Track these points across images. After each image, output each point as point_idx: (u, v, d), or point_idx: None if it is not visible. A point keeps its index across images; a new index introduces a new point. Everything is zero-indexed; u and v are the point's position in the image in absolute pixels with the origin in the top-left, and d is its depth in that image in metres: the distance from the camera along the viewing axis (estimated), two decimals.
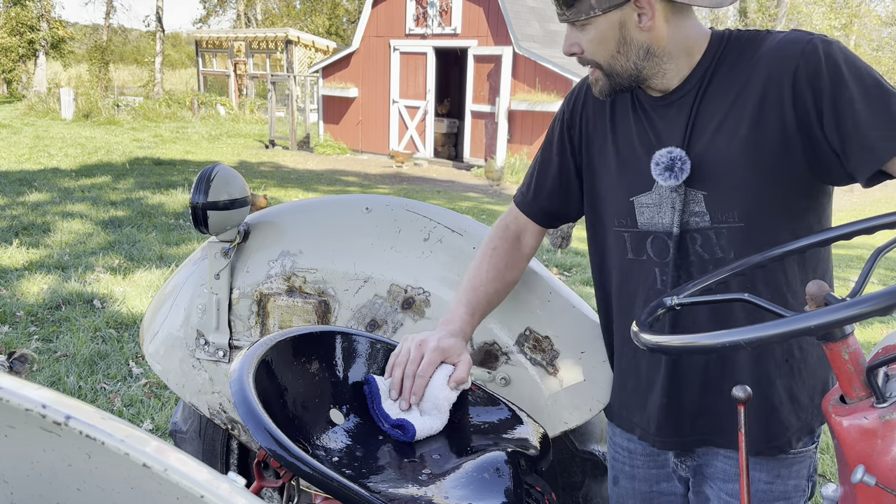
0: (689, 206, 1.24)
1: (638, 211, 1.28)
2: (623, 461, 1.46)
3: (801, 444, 1.31)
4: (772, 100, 1.16)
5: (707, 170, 1.21)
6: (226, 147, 16.04)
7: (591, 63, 1.25)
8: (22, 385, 0.64)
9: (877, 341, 4.19)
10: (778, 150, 1.17)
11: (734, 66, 1.21)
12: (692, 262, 1.26)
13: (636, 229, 1.30)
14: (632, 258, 1.32)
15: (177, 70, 37.80)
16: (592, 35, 1.21)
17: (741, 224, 1.21)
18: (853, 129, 1.12)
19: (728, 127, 1.20)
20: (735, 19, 32.61)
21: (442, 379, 1.25)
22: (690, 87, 1.24)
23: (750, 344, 0.87)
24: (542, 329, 1.54)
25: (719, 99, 1.21)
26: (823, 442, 3.28)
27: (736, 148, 1.19)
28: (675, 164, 1.21)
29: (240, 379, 1.00)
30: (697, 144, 1.22)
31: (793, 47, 1.16)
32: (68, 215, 7.29)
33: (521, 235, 1.48)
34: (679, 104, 1.25)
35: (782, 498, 1.32)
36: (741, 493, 0.97)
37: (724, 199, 1.21)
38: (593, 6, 1.17)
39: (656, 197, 1.26)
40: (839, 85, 1.12)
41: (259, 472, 1.18)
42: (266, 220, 1.72)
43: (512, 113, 13.89)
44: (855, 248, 8.07)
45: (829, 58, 1.13)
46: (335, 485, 0.90)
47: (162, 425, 3.13)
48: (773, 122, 1.17)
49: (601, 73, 1.25)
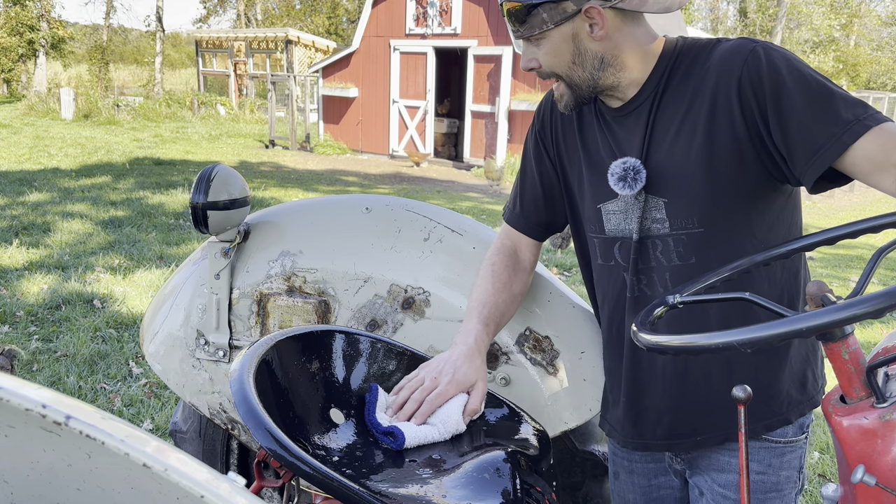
0: (650, 212, 1.26)
1: (605, 218, 1.31)
2: (622, 456, 1.48)
3: (791, 430, 1.32)
4: (721, 109, 1.18)
5: (666, 178, 1.23)
6: (226, 147, 16.04)
7: (552, 75, 1.27)
8: (22, 385, 0.64)
9: (877, 341, 4.19)
10: (732, 158, 1.19)
11: (686, 75, 1.23)
12: (653, 267, 1.28)
13: (604, 235, 1.33)
14: (601, 263, 1.36)
15: (177, 70, 37.82)
16: (547, 48, 1.23)
17: (700, 229, 1.23)
18: (797, 134, 1.13)
19: (684, 135, 1.22)
20: (735, 19, 32.61)
21: (457, 407, 1.24)
22: (646, 96, 1.26)
23: (750, 344, 0.87)
24: (542, 329, 1.54)
25: (674, 108, 1.23)
26: (823, 442, 3.28)
27: (693, 156, 1.21)
28: (627, 175, 1.24)
29: (240, 379, 1.00)
30: (656, 154, 1.24)
31: (737, 56, 1.17)
32: (68, 215, 7.29)
33: (517, 251, 1.49)
34: (637, 113, 1.27)
35: (774, 489, 1.33)
36: (741, 493, 0.97)
37: (683, 205, 1.23)
38: (545, 20, 1.20)
39: (622, 204, 1.29)
40: (781, 90, 1.13)
41: (259, 472, 1.18)
42: (266, 220, 1.72)
43: (512, 113, 13.89)
44: (855, 248, 8.07)
45: (770, 64, 1.14)
46: (335, 484, 0.90)
47: (162, 425, 3.13)
48: (725, 131, 1.18)
49: (564, 86, 1.27)
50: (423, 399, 1.23)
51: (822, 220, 10.66)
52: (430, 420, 1.23)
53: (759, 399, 1.28)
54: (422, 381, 1.26)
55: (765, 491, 1.33)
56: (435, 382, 1.25)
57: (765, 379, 1.29)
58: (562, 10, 1.18)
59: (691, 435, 1.32)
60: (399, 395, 1.25)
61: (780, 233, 1.27)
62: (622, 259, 1.31)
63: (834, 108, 1.11)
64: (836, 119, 1.11)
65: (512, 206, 1.50)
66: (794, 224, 1.30)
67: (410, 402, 1.23)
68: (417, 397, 1.23)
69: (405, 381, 1.27)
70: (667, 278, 1.27)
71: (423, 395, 1.23)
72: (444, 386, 1.24)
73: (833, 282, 6.28)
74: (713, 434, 1.31)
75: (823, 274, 6.68)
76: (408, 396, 1.24)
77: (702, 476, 1.37)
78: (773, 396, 1.30)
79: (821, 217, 10.90)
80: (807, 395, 1.33)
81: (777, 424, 1.30)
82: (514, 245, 1.49)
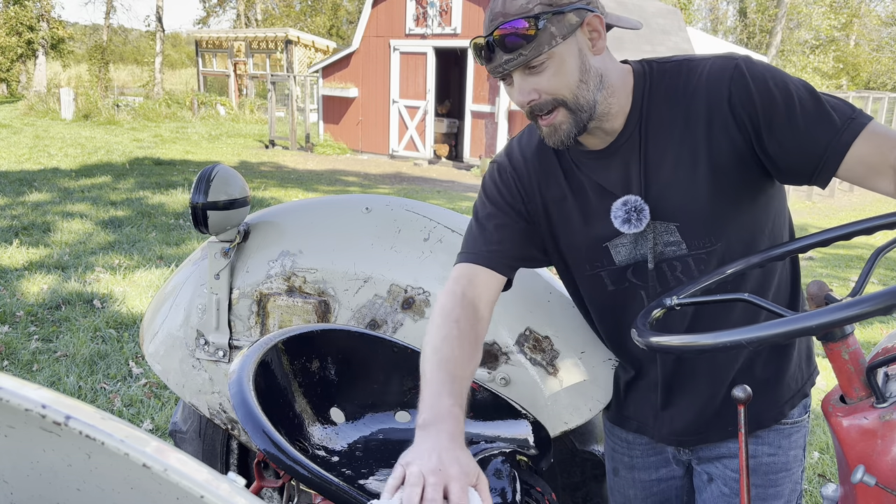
0: (661, 237, 1.24)
1: (614, 251, 1.28)
2: (622, 452, 1.49)
3: (797, 411, 1.37)
4: (718, 127, 1.18)
5: (674, 204, 1.22)
6: (226, 147, 16.04)
7: (553, 104, 1.15)
8: (22, 385, 0.64)
9: (877, 341, 4.19)
10: (738, 173, 1.19)
11: (670, 102, 1.21)
12: (673, 287, 1.27)
13: (614, 266, 1.30)
14: (613, 289, 1.32)
15: (177, 70, 37.80)
16: (554, 69, 1.13)
17: (719, 244, 1.23)
18: (796, 144, 1.14)
19: (685, 160, 1.20)
20: (735, 19, 32.60)
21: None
22: (631, 130, 1.22)
23: (750, 344, 0.87)
24: (542, 329, 1.53)
25: (665, 137, 1.21)
26: (823, 442, 3.28)
27: (699, 180, 1.20)
28: (631, 216, 1.22)
29: (239, 381, 1.00)
30: (656, 184, 1.22)
31: (722, 75, 1.17)
32: (68, 215, 7.29)
33: (476, 304, 1.23)
34: (624, 150, 1.23)
35: (784, 469, 1.37)
36: (741, 493, 0.97)
37: (698, 227, 1.22)
38: (554, 34, 1.10)
39: (631, 236, 1.26)
40: (772, 105, 1.13)
41: (259, 472, 1.18)
42: (266, 220, 1.72)
43: (512, 113, 13.89)
44: (855, 248, 8.07)
45: (756, 79, 1.15)
46: (332, 488, 0.90)
47: (162, 425, 3.13)
48: (726, 147, 1.18)
49: (565, 113, 1.16)
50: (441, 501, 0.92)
51: (823, 220, 10.66)
52: None
53: (773, 388, 1.33)
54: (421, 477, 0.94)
55: (776, 471, 1.37)
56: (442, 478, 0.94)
57: (780, 368, 1.34)
58: (567, 23, 1.10)
59: (723, 426, 1.35)
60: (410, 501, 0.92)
61: (782, 221, 1.30)
62: (637, 279, 1.29)
63: (827, 115, 1.13)
64: (831, 124, 1.12)
65: (484, 246, 1.28)
66: (786, 210, 1.33)
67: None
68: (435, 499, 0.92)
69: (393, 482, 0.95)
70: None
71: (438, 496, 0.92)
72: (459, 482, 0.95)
73: (833, 282, 6.28)
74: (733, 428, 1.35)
75: (823, 274, 6.68)
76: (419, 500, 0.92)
77: (712, 463, 1.40)
78: (787, 383, 1.35)
79: (821, 217, 10.90)
80: (810, 371, 1.40)
81: (790, 407, 1.36)
82: (475, 295, 1.24)
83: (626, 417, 1.46)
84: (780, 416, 1.35)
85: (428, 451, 0.98)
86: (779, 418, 1.35)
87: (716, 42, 20.69)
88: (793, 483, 1.39)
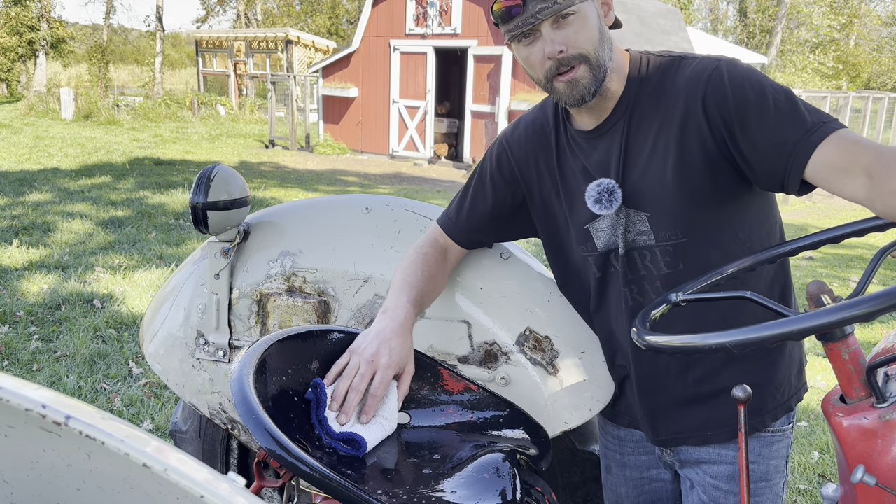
0: (633, 225, 1.29)
1: (595, 236, 1.34)
2: (614, 450, 1.52)
3: (779, 422, 1.35)
4: (691, 128, 1.20)
5: (646, 193, 1.26)
6: (226, 147, 16.04)
7: (577, 59, 1.20)
8: (22, 385, 0.64)
9: (877, 341, 4.19)
10: (706, 172, 1.21)
11: (655, 95, 1.25)
12: (643, 276, 1.31)
13: (597, 252, 1.35)
14: (599, 276, 1.37)
15: (177, 70, 37.81)
16: (578, 24, 1.18)
17: (685, 239, 1.26)
18: (767, 145, 1.15)
19: (659, 153, 1.24)
20: (735, 19, 32.60)
21: (394, 396, 1.21)
22: (619, 116, 1.28)
23: (751, 344, 0.87)
24: (542, 329, 1.54)
25: (647, 127, 1.25)
26: (823, 442, 3.28)
27: (668, 174, 1.23)
28: (602, 197, 1.27)
29: (240, 379, 1.00)
30: (632, 172, 1.27)
31: (700, 76, 1.20)
32: (68, 215, 7.29)
33: (447, 250, 1.49)
34: (610, 134, 1.29)
35: (763, 479, 1.36)
36: (741, 493, 0.97)
37: (665, 219, 1.26)
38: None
39: (609, 221, 1.31)
40: (745, 105, 1.15)
41: (259, 472, 1.18)
42: (266, 220, 1.72)
43: (512, 113, 13.88)
44: (856, 249, 8.07)
45: (733, 81, 1.16)
46: (335, 485, 0.90)
47: (162, 425, 3.13)
48: (696, 148, 1.20)
49: (586, 68, 1.20)
50: (364, 390, 1.16)
51: (823, 219, 10.66)
52: (376, 415, 1.18)
53: (765, 392, 1.32)
54: (357, 366, 1.17)
55: (755, 481, 1.36)
56: (372, 368, 1.17)
57: (770, 371, 1.33)
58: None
59: (700, 430, 1.35)
60: (338, 388, 1.16)
61: (763, 230, 1.30)
62: (614, 266, 1.34)
63: (799, 116, 1.13)
64: (801, 125, 1.13)
65: (454, 217, 1.49)
66: (773, 219, 1.33)
67: (352, 392, 1.15)
68: (359, 387, 1.15)
69: (336, 368, 1.19)
70: (658, 286, 1.30)
71: (363, 385, 1.16)
72: (383, 372, 1.17)
73: (833, 282, 6.28)
74: (722, 430, 1.34)
75: (823, 274, 6.68)
76: (347, 388, 1.16)
77: (692, 469, 1.40)
78: (777, 387, 1.34)
79: (821, 217, 10.90)
80: (801, 381, 1.39)
81: (781, 413, 1.34)
82: (446, 245, 1.49)
83: (618, 412, 1.49)
84: (760, 426, 1.34)
85: (371, 338, 1.21)
86: (758, 427, 1.34)
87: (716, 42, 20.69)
88: (773, 495, 1.37)
